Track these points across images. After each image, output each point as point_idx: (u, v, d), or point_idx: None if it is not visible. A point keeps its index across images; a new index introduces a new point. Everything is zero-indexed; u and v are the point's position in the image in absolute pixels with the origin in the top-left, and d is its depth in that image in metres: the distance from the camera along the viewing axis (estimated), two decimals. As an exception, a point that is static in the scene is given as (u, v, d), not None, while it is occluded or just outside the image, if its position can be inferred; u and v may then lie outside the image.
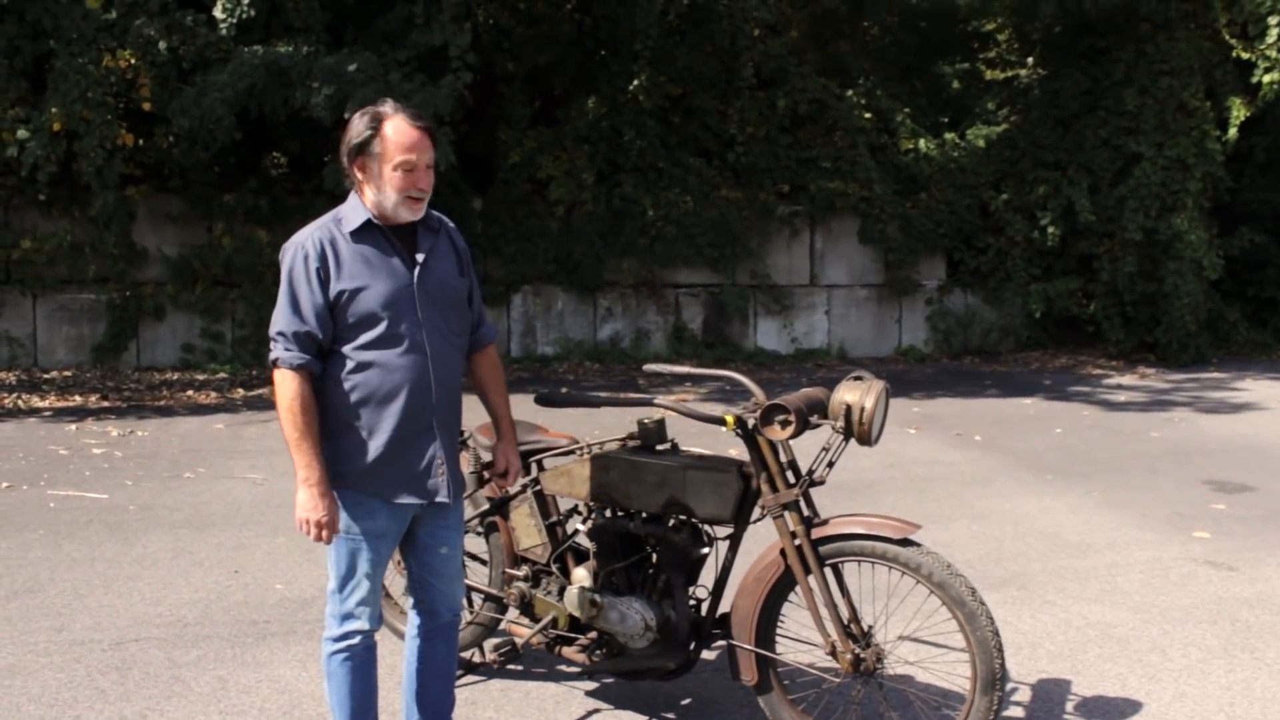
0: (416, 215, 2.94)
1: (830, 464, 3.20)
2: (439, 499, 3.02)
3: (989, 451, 8.24)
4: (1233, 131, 13.24)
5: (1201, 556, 5.59)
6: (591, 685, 3.89)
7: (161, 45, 10.64)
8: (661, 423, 3.42)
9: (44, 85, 10.66)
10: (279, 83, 10.48)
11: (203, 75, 10.62)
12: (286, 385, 2.83)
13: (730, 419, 3.15)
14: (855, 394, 3.08)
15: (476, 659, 3.93)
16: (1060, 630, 4.54)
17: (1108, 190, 13.39)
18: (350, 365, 2.89)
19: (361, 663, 3.04)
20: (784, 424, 3.05)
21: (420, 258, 2.98)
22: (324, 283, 2.85)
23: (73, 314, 11.90)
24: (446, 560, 3.13)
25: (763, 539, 3.63)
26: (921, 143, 14.40)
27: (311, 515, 2.83)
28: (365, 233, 2.92)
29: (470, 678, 3.92)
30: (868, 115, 14.16)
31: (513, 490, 3.70)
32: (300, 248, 2.88)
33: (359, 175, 2.91)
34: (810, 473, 3.17)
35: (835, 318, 13.94)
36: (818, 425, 3.14)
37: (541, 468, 3.67)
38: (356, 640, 3.01)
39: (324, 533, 2.85)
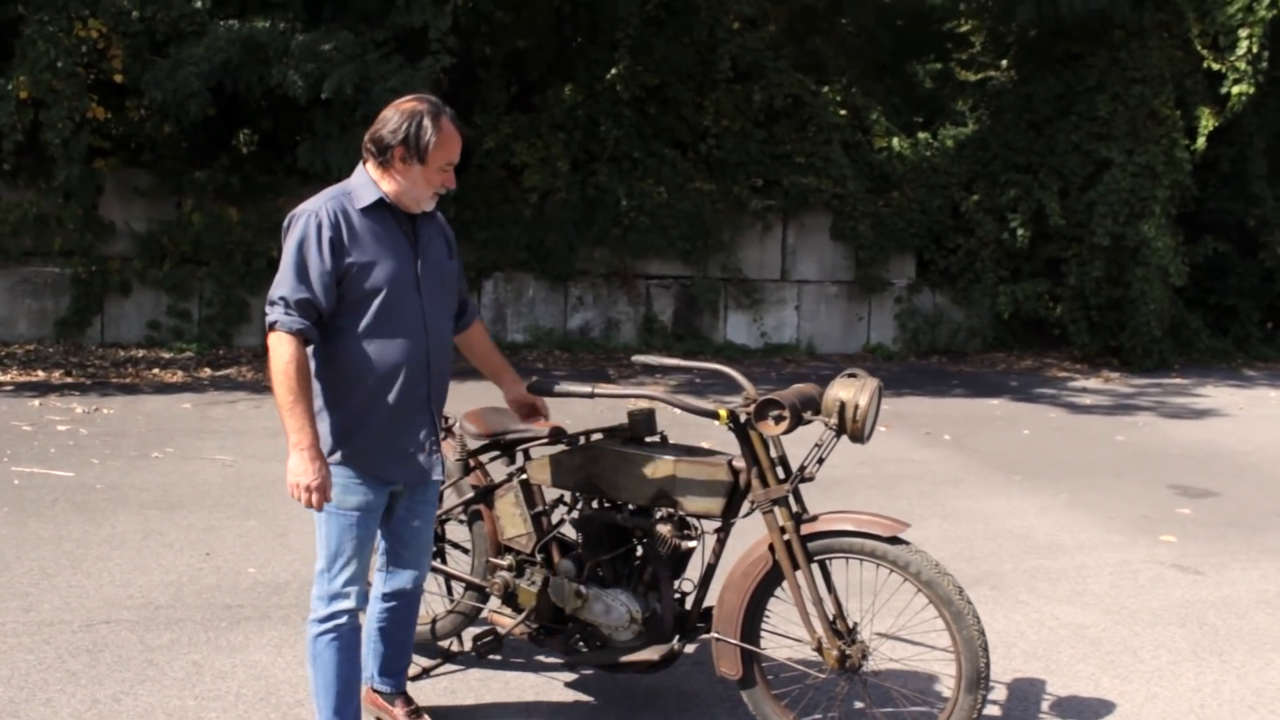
0: (431, 206, 3.05)
1: (820, 460, 3.20)
2: (433, 477, 3.10)
3: (958, 451, 8.30)
4: (1201, 141, 13.39)
5: (1168, 560, 5.67)
6: (570, 676, 3.87)
7: (135, 15, 10.45)
8: (651, 414, 3.41)
9: (11, 52, 10.45)
10: (255, 59, 10.33)
11: (177, 48, 10.45)
12: (283, 349, 2.83)
13: (724, 413, 3.15)
14: (849, 391, 3.09)
15: (455, 648, 3.91)
16: (1033, 630, 4.59)
17: (1077, 195, 13.51)
18: (351, 341, 2.93)
19: (348, 644, 3.06)
20: (778, 419, 3.05)
21: (425, 237, 3.08)
22: (335, 253, 2.87)
23: (36, 287, 11.68)
24: (417, 532, 3.23)
25: (746, 533, 3.62)
26: (895, 141, 14.45)
27: (304, 480, 2.81)
28: (375, 210, 2.97)
29: (449, 666, 3.89)
30: (842, 112, 14.20)
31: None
32: (314, 215, 2.89)
33: (398, 164, 2.93)
34: (802, 468, 3.18)
35: (805, 313, 13.98)
36: (810, 421, 3.15)
37: (528, 456, 3.65)
38: (343, 620, 3.04)
39: (315, 498, 2.83)
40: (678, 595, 3.42)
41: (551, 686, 3.80)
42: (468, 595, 3.81)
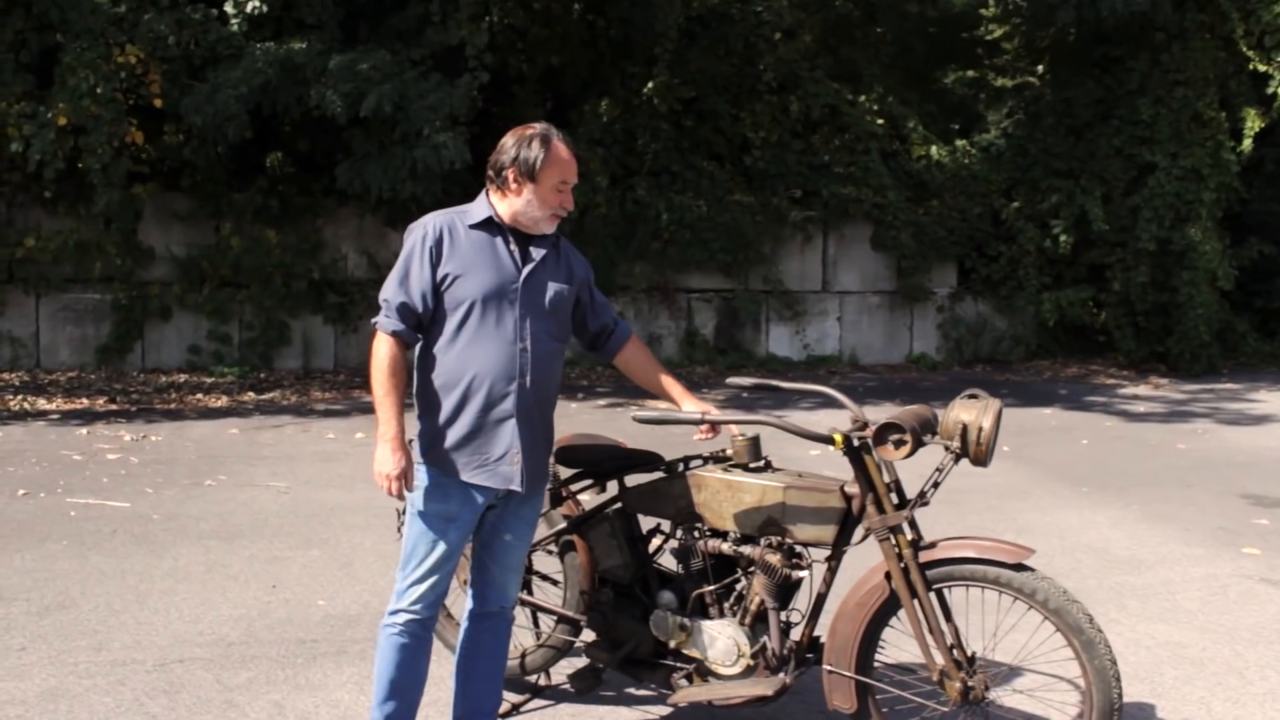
0: (552, 228, 3.13)
1: (937, 484, 3.06)
2: (511, 487, 3.05)
3: (1019, 463, 8.12)
4: (1247, 143, 13.19)
5: (1256, 574, 5.48)
6: (665, 710, 3.73)
7: (172, 41, 10.43)
8: (756, 440, 3.28)
9: (51, 80, 10.44)
10: (293, 80, 10.29)
11: (214, 71, 10.42)
12: (380, 348, 3.03)
13: (839, 437, 3.01)
14: (972, 413, 2.95)
15: (544, 683, 3.77)
16: (1131, 651, 4.42)
17: (1120, 199, 13.33)
18: (444, 347, 3.04)
19: (404, 647, 3.10)
20: (899, 443, 2.91)
21: (535, 257, 3.10)
22: (434, 263, 3.03)
23: (77, 314, 11.67)
24: (508, 548, 3.20)
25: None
26: (933, 149, 14.30)
27: (383, 469, 2.96)
28: (484, 227, 3.09)
29: (539, 701, 3.76)
30: (879, 121, 14.06)
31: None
32: (423, 227, 3.08)
33: (513, 184, 3.05)
34: (921, 493, 3.04)
35: (847, 324, 13.83)
36: (927, 444, 3.01)
37: (623, 485, 3.51)
38: (403, 621, 3.09)
39: (395, 485, 2.96)
40: (784, 626, 3.28)
41: (646, 721, 3.66)
42: (559, 629, 3.67)
